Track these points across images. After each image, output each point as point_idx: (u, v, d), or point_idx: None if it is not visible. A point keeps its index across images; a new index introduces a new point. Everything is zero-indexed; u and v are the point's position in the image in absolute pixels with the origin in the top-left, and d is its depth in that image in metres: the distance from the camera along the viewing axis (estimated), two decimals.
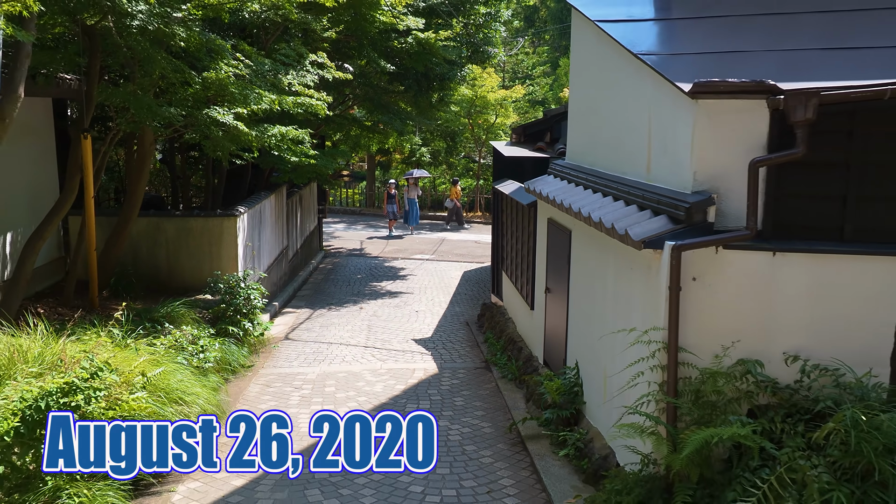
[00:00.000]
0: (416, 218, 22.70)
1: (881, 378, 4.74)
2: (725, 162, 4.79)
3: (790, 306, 4.76)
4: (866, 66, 5.08)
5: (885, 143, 4.71)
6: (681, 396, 4.82)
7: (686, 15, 6.93)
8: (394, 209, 21.85)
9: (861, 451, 4.20)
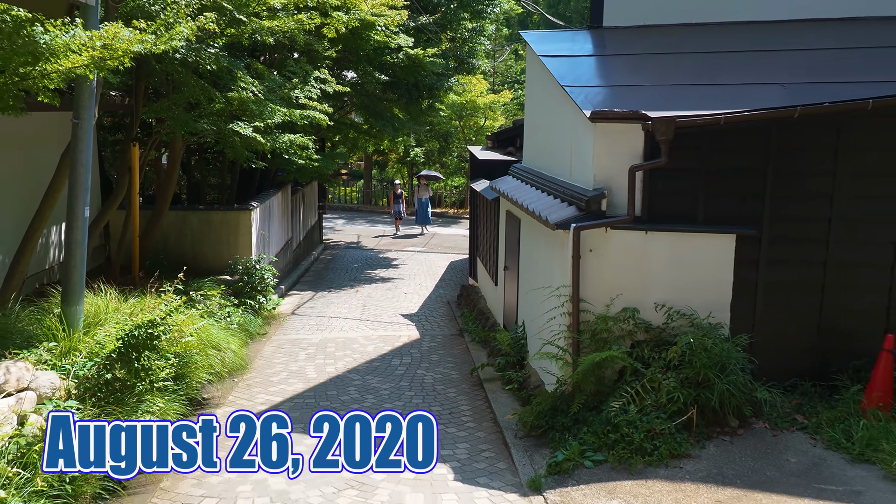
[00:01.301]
0: (428, 218, 23.32)
1: (723, 320, 6.78)
2: (615, 167, 6.82)
3: (658, 269, 6.79)
4: (720, 98, 7.09)
5: (723, 154, 6.74)
6: (582, 334, 6.86)
7: (611, 52, 8.97)
8: (399, 209, 23.11)
9: (694, 364, 6.25)
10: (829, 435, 6.09)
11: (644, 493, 5.55)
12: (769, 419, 6.43)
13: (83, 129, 7.03)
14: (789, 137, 6.65)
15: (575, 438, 6.33)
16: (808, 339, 6.87)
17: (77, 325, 7.03)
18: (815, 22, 8.68)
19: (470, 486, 6.09)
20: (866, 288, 6.76)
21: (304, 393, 8.36)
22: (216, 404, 7.87)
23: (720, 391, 6.20)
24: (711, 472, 5.77)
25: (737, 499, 5.37)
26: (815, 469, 5.74)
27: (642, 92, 7.50)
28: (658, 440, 6.03)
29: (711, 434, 6.27)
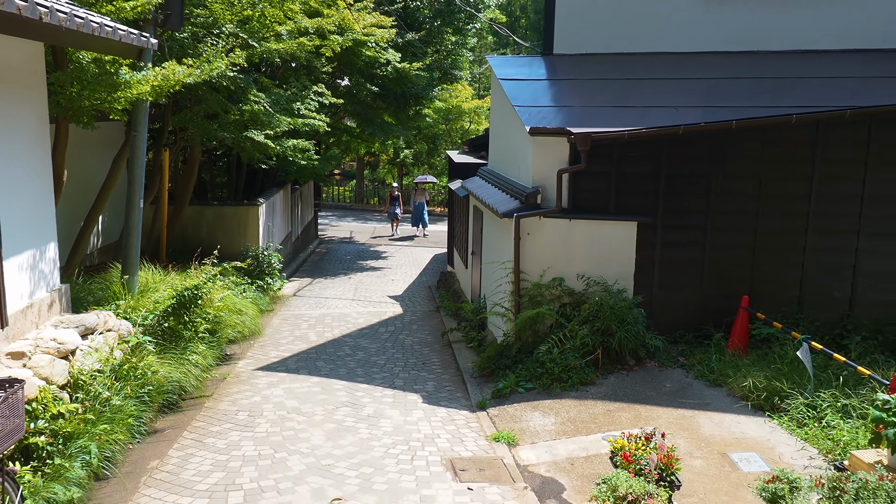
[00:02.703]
0: (425, 221, 24.34)
1: (628, 287, 9.10)
2: (548, 171, 9.13)
3: (579, 248, 9.11)
4: (629, 117, 9.39)
5: (629, 161, 9.06)
6: (522, 297, 9.17)
7: (555, 77, 11.30)
8: (396, 210, 24.33)
9: (602, 317, 8.58)
10: (698, 369, 8.42)
11: (557, 406, 7.86)
12: (658, 360, 8.76)
13: (139, 139, 9.33)
14: (677, 148, 8.99)
15: (513, 373, 8.65)
16: (692, 301, 9.21)
17: (134, 290, 9.33)
18: (718, 54, 11.02)
19: (434, 406, 8.38)
20: (733, 263, 9.11)
21: (307, 350, 10.64)
22: (238, 357, 10.14)
23: (619, 338, 8.53)
24: (608, 393, 8.09)
25: (622, 408, 7.69)
26: (682, 391, 8.06)
27: (572, 111, 9.82)
28: (572, 372, 8.34)
29: (613, 369, 8.60)
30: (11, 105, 6.63)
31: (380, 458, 6.81)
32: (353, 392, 8.71)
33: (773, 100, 9.27)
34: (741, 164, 9.03)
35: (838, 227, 8.99)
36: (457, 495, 6.08)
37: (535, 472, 6.58)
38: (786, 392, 7.32)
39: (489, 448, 7.14)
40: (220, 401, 8.30)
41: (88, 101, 8.23)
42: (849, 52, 10.62)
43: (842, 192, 8.94)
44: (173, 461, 6.65)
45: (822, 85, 9.66)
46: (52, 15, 5.55)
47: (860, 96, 8.94)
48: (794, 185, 9.03)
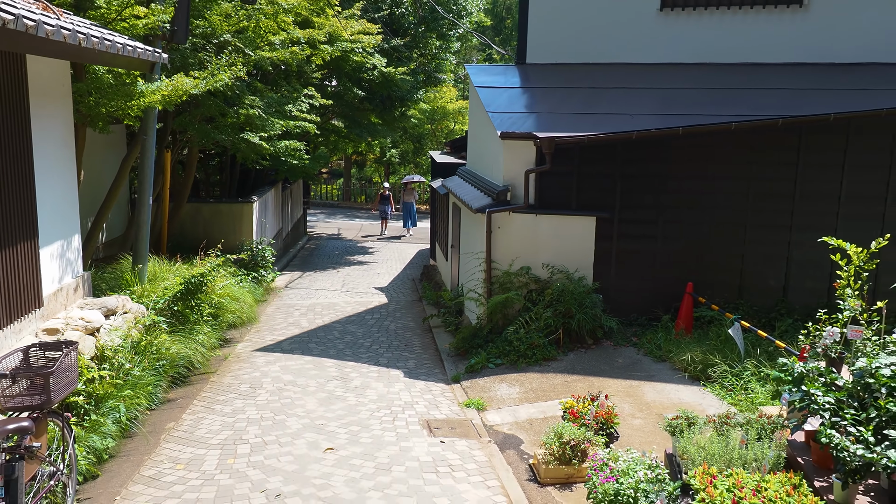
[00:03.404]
0: (414, 220, 25.24)
1: (588, 275, 10.26)
2: (516, 171, 10.28)
3: (544, 240, 10.27)
4: (591, 123, 10.54)
5: (589, 162, 10.22)
6: (493, 284, 10.32)
7: (526, 85, 12.45)
8: (386, 209, 25.17)
9: (564, 301, 9.74)
10: (647, 347, 9.60)
11: (522, 379, 9.02)
12: (613, 339, 9.94)
13: (149, 142, 10.41)
14: (632, 151, 10.17)
15: (484, 351, 9.80)
16: (645, 288, 10.39)
17: (144, 279, 10.42)
18: (673, 66, 12.21)
19: (413, 380, 9.52)
20: (682, 254, 10.30)
21: (300, 334, 11.75)
22: (237, 341, 11.23)
23: (579, 320, 9.69)
24: (567, 367, 9.26)
25: (578, 380, 8.85)
26: (633, 366, 9.24)
27: (540, 117, 10.97)
28: (536, 350, 9.49)
29: (573, 347, 9.76)
30: (46, 114, 7.70)
31: (366, 419, 7.95)
32: (342, 368, 9.83)
33: (718, 108, 10.45)
34: (688, 166, 10.22)
35: (773, 222, 10.19)
36: (430, 446, 7.22)
37: (498, 430, 7.73)
38: (718, 364, 8.50)
39: (461, 412, 8.29)
40: (224, 376, 9.40)
41: (105, 108, 9.30)
42: (788, 65, 11.83)
43: (776, 191, 10.15)
44: (187, 423, 7.75)
45: (762, 95, 10.86)
46: (88, 40, 6.65)
47: (793, 106, 10.13)
48: (735, 184, 10.22)
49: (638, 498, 4.96)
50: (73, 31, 6.29)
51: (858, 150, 9.92)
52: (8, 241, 6.85)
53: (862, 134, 9.90)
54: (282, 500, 5.99)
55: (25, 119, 7.17)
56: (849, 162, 9.95)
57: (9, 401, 5.05)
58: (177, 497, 6.03)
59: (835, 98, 10.33)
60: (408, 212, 25.05)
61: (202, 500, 5.97)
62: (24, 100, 7.11)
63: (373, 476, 6.51)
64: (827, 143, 9.97)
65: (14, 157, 6.95)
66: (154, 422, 7.73)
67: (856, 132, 9.89)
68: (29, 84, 7.18)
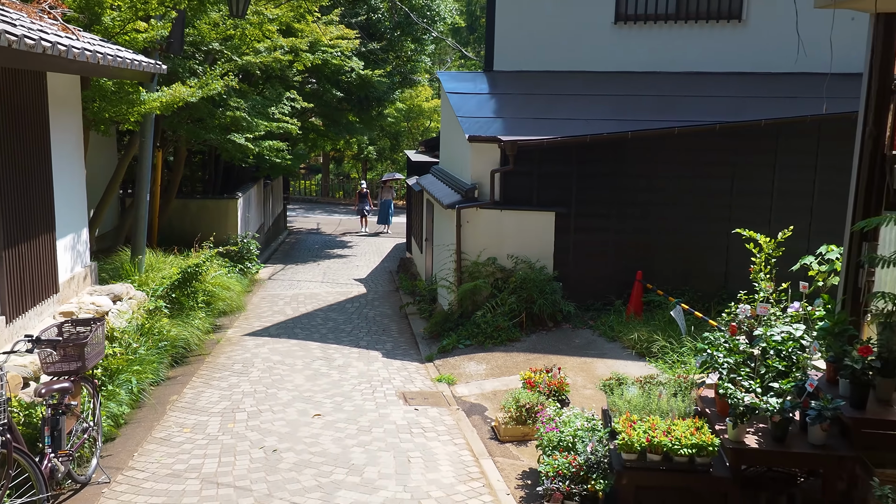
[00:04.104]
0: (389, 218, 25.79)
1: (548, 265, 11.37)
2: (483, 170, 11.35)
3: (509, 233, 11.35)
4: (550, 127, 11.62)
5: (548, 163, 11.32)
6: (463, 273, 11.39)
7: (493, 92, 13.53)
8: (365, 207, 25.77)
9: (526, 288, 10.84)
10: (602, 329, 10.72)
11: (489, 357, 10.10)
12: (572, 322, 11.05)
13: (146, 144, 11.35)
14: (587, 153, 11.28)
15: (455, 333, 10.87)
16: (600, 276, 11.52)
17: (142, 269, 11.36)
18: (626, 74, 13.34)
19: (391, 359, 10.56)
20: (633, 245, 11.45)
21: (285, 321, 12.74)
22: (227, 327, 12.20)
23: (540, 305, 10.79)
24: (529, 347, 10.35)
25: (539, 357, 9.94)
26: (588, 345, 10.36)
27: (505, 122, 12.06)
28: (502, 332, 10.57)
29: (535, 329, 10.86)
30: (61, 121, 8.64)
31: (348, 391, 8.99)
32: (325, 350, 10.86)
33: (664, 114, 11.60)
34: (638, 165, 11.36)
35: (714, 216, 11.36)
36: (406, 413, 8.27)
37: (466, 400, 8.81)
38: (661, 342, 9.64)
39: (433, 386, 9.35)
40: (218, 357, 10.38)
41: (108, 113, 10.24)
42: (729, 74, 13.02)
43: (715, 188, 11.32)
44: (189, 396, 8.74)
45: (704, 102, 12.03)
46: (105, 59, 7.61)
47: (731, 112, 11.31)
48: (680, 182, 11.38)
49: (575, 442, 6.05)
50: (93, 52, 7.25)
51: (788, 151, 11.12)
52: (33, 233, 7.79)
53: (791, 137, 11.10)
54: (278, 454, 7.01)
55: (46, 126, 8.11)
56: (779, 162, 11.14)
57: (50, 366, 6.02)
58: (187, 453, 7.04)
59: (768, 105, 11.51)
60: (385, 209, 25.72)
61: (209, 455, 6.98)
62: (45, 109, 8.06)
63: (356, 436, 7.55)
64: (760, 146, 11.15)
65: (38, 159, 7.90)
66: (159, 395, 8.71)
67: (785, 136, 11.09)
68: (48, 95, 8.12)
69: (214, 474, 6.56)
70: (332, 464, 6.84)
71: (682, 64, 13.24)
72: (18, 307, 7.51)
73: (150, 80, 10.33)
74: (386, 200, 25.74)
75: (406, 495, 6.25)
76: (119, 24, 9.83)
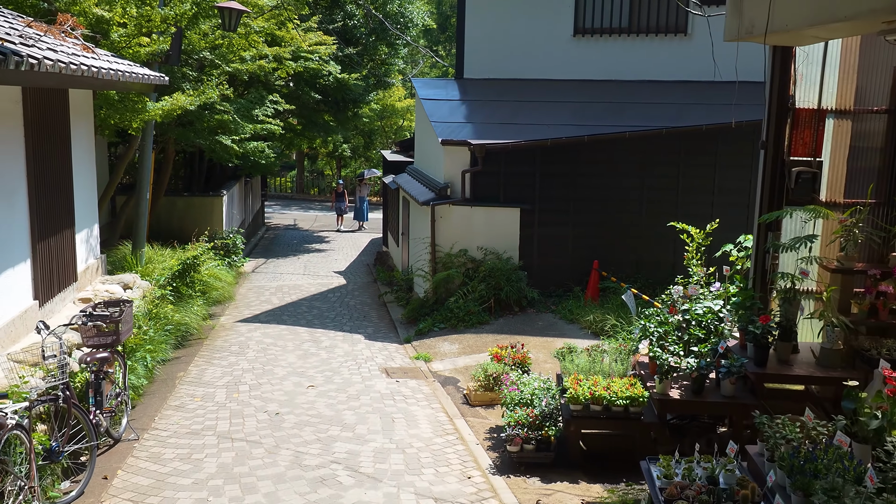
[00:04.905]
0: (365, 215, 26.64)
1: (514, 256, 12.65)
2: (455, 171, 12.59)
3: (479, 228, 12.61)
4: (515, 131, 12.87)
5: (513, 164, 12.58)
6: (437, 264, 12.63)
7: (463, 98, 14.77)
8: (342, 205, 26.42)
9: (495, 277, 12.12)
10: (562, 313, 12.02)
11: (461, 338, 11.34)
12: (535, 307, 12.35)
13: (146, 147, 12.41)
14: (548, 155, 12.57)
15: (430, 318, 12.10)
16: (561, 265, 12.83)
17: (142, 261, 12.44)
18: (584, 82, 14.66)
19: (373, 341, 11.76)
20: (591, 237, 12.78)
21: (273, 309, 13.87)
22: (220, 315, 13.30)
23: (507, 292, 12.06)
24: (497, 329, 11.62)
25: (505, 338, 11.20)
26: (549, 326, 11.65)
27: (475, 126, 13.30)
28: (472, 316, 11.82)
29: (503, 314, 12.13)
30: (78, 128, 9.71)
31: (337, 367, 10.18)
32: (313, 333, 12.03)
33: (618, 119, 12.93)
34: (595, 165, 12.68)
35: (663, 211, 12.70)
36: (388, 384, 9.49)
37: (441, 373, 10.05)
38: (613, 322, 10.96)
39: (412, 363, 10.58)
40: (215, 340, 11.51)
41: (114, 120, 11.30)
42: (676, 82, 14.40)
43: (664, 186, 12.69)
44: (194, 372, 9.87)
45: (654, 108, 13.38)
46: (124, 75, 8.71)
47: (677, 118, 12.67)
48: (633, 180, 12.73)
49: (533, 399, 7.32)
50: (116, 70, 8.36)
51: (726, 153, 12.51)
52: (58, 229, 8.88)
53: (728, 140, 12.48)
54: (281, 416, 8.20)
55: (68, 134, 9.20)
56: (719, 162, 12.54)
57: (90, 339, 7.15)
58: (201, 417, 8.19)
59: (709, 111, 12.88)
60: (361, 206, 26.55)
61: (221, 418, 8.14)
62: (67, 120, 9.15)
63: (346, 402, 8.76)
64: (702, 148, 12.54)
65: (62, 164, 8.99)
66: (167, 372, 9.82)
67: (723, 139, 12.48)
68: (70, 107, 9.21)
69: (228, 432, 7.73)
70: (327, 423, 8.05)
71: (634, 73, 14.58)
72: (48, 293, 8.60)
73: (153, 91, 11.41)
74: (362, 197, 26.71)
75: (392, 445, 7.48)
76: (125, 39, 10.90)
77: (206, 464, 6.94)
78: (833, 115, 7.43)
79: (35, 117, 8.08)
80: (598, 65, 14.70)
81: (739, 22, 6.32)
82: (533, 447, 6.91)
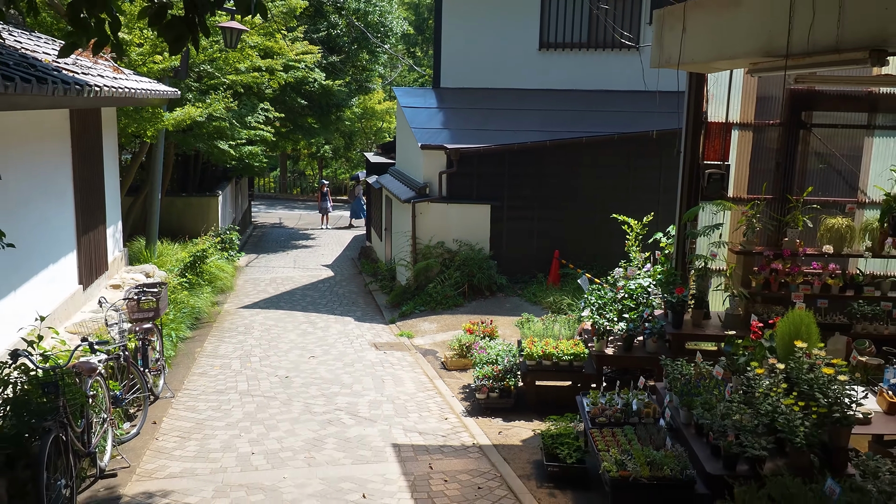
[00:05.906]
0: (363, 213, 26.95)
1: (486, 248, 14.42)
2: (433, 172, 14.33)
3: (454, 222, 14.36)
4: (487, 136, 14.63)
5: (486, 165, 14.35)
6: (418, 255, 14.36)
7: (440, 106, 16.51)
8: (326, 205, 27.75)
9: (468, 265, 13.89)
10: (527, 296, 13.81)
11: (439, 319, 13.08)
12: (504, 292, 14.12)
13: (158, 152, 14.03)
14: (516, 157, 14.35)
15: (412, 302, 13.83)
16: (527, 255, 14.62)
17: (155, 254, 14.05)
18: (550, 91, 16.46)
19: (362, 322, 13.47)
20: (553, 231, 14.58)
21: (270, 297, 15.54)
22: (223, 303, 14.93)
23: (479, 278, 13.83)
24: (470, 310, 13.37)
25: (477, 317, 12.93)
26: (516, 308, 13.41)
27: (451, 132, 15.05)
28: (449, 299, 13.57)
29: (475, 297, 13.90)
30: (108, 136, 11.33)
31: (332, 342, 11.89)
32: (308, 317, 13.72)
33: (577, 125, 14.74)
34: (556, 167, 14.48)
35: (616, 207, 14.49)
36: (377, 355, 11.22)
37: (422, 347, 11.79)
38: (569, 301, 12.76)
39: (397, 339, 12.31)
40: (223, 323, 13.17)
41: (132, 129, 12.92)
42: (629, 92, 16.22)
43: (617, 185, 14.52)
44: (209, 348, 11.52)
45: (609, 115, 15.21)
46: (150, 94, 10.36)
47: (629, 124, 14.50)
48: (590, 180, 14.54)
49: (497, 358, 9.08)
50: (145, 90, 10.01)
51: (670, 156, 14.33)
52: (95, 224, 10.51)
53: (671, 145, 14.31)
54: (290, 379, 9.90)
55: (100, 143, 10.82)
56: (664, 164, 14.38)
57: (135, 314, 8.80)
58: (222, 380, 9.87)
59: (657, 118, 14.72)
60: (359, 204, 27.54)
61: (239, 381, 9.83)
62: (100, 129, 10.77)
63: (343, 368, 10.48)
64: (650, 151, 14.38)
65: (96, 168, 10.62)
66: (186, 348, 11.47)
67: (667, 143, 14.31)
68: (102, 118, 10.83)
69: (247, 390, 9.42)
70: (328, 383, 9.77)
71: (592, 83, 16.41)
72: (88, 279, 10.24)
73: (166, 104, 13.03)
74: (358, 197, 28.00)
75: (383, 398, 9.22)
76: (141, 57, 12.52)
77: (234, 412, 8.63)
78: (738, 127, 9.25)
79: (78, 129, 9.71)
80: (561, 76, 16.52)
81: (660, 54, 8.11)
82: (497, 395, 8.69)
